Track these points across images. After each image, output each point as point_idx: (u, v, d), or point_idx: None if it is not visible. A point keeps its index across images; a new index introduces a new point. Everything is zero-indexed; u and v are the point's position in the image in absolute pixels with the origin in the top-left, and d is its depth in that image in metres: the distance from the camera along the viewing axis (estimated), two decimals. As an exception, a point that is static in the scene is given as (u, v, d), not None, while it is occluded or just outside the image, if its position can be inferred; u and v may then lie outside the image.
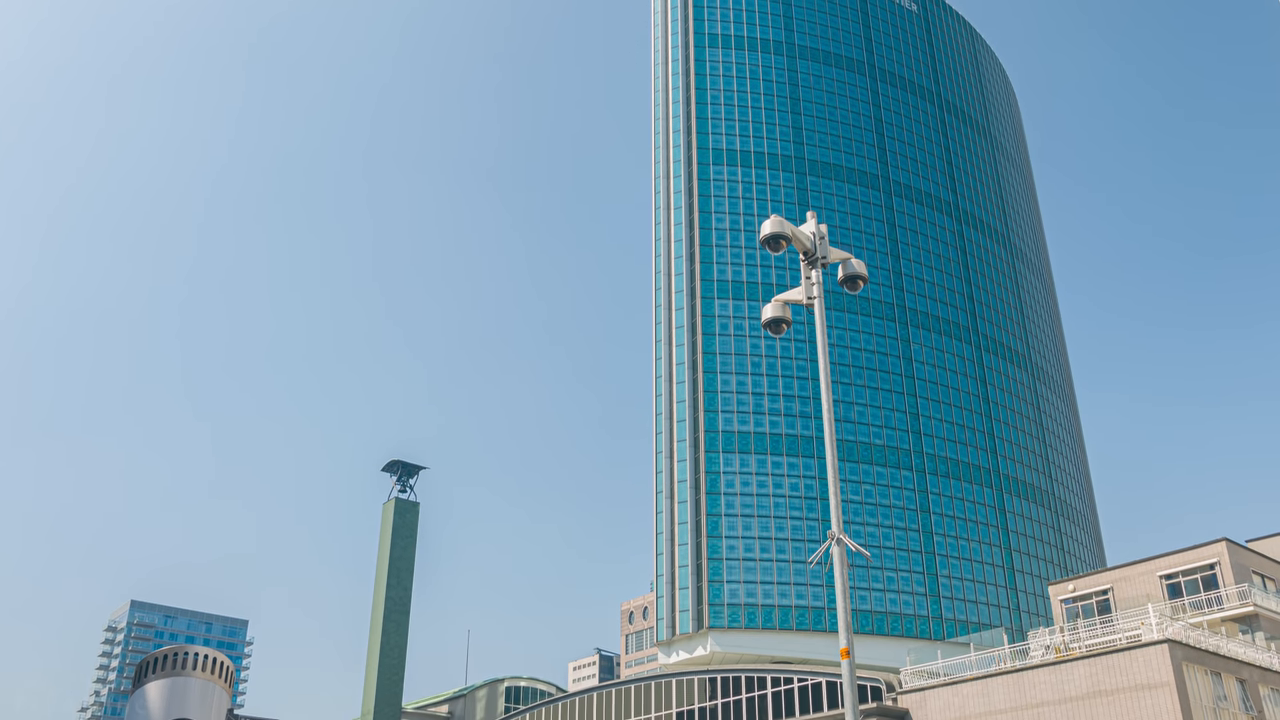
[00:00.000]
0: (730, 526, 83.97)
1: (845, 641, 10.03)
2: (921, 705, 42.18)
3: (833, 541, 10.35)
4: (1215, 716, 37.13)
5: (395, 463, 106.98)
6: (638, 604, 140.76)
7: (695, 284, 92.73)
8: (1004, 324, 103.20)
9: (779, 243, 12.34)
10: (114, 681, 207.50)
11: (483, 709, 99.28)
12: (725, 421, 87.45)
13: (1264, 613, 47.34)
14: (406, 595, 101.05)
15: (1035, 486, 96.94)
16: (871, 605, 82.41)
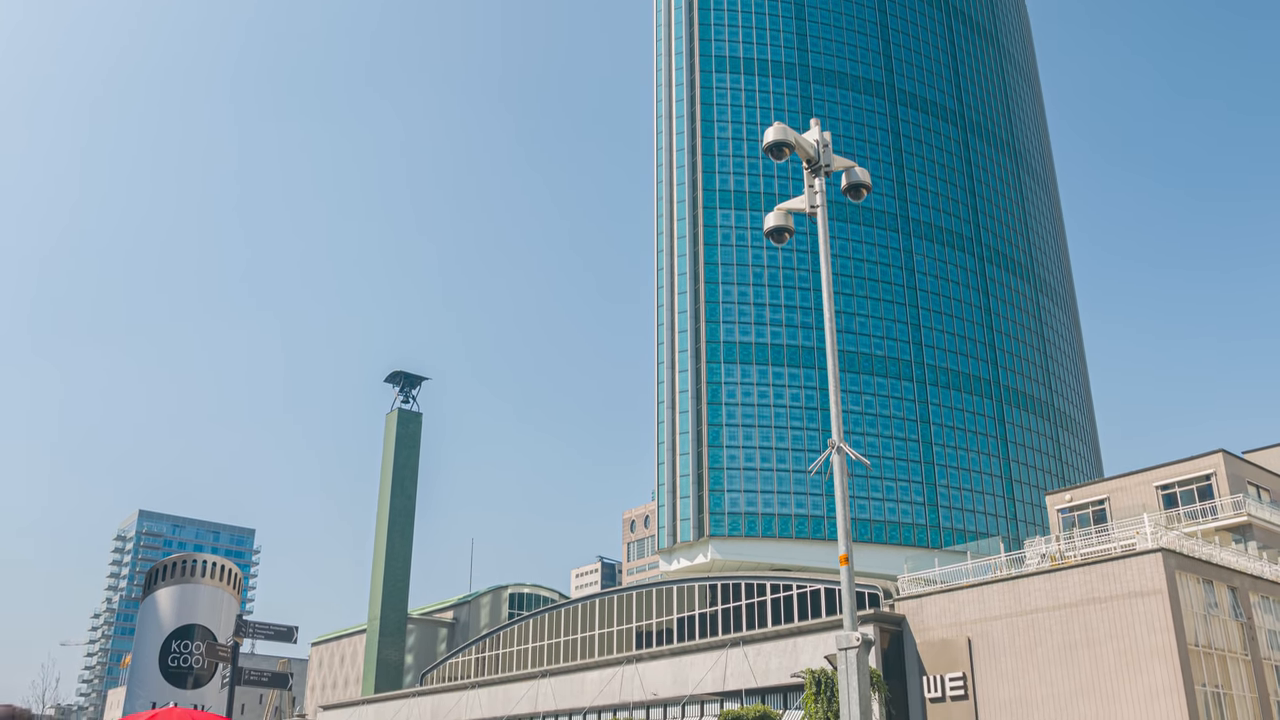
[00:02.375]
0: (731, 436, 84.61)
1: (844, 548, 10.15)
2: (918, 612, 42.92)
3: (833, 450, 10.41)
4: (1206, 623, 37.79)
5: (398, 373, 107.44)
6: (639, 513, 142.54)
7: (697, 194, 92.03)
8: (1008, 235, 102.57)
9: (782, 150, 12.18)
10: (125, 589, 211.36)
11: (487, 615, 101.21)
12: (727, 332, 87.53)
13: (1257, 522, 47.91)
14: (411, 504, 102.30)
15: (1035, 398, 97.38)
16: (870, 514, 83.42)
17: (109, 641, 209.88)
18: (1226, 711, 37.14)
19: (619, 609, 68.50)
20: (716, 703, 49.38)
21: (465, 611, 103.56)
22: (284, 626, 19.10)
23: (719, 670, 49.62)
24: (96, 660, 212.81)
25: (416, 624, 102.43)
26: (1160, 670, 35.41)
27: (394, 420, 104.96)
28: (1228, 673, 37.91)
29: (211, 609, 17.73)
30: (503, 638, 77.25)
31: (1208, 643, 37.40)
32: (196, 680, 17.07)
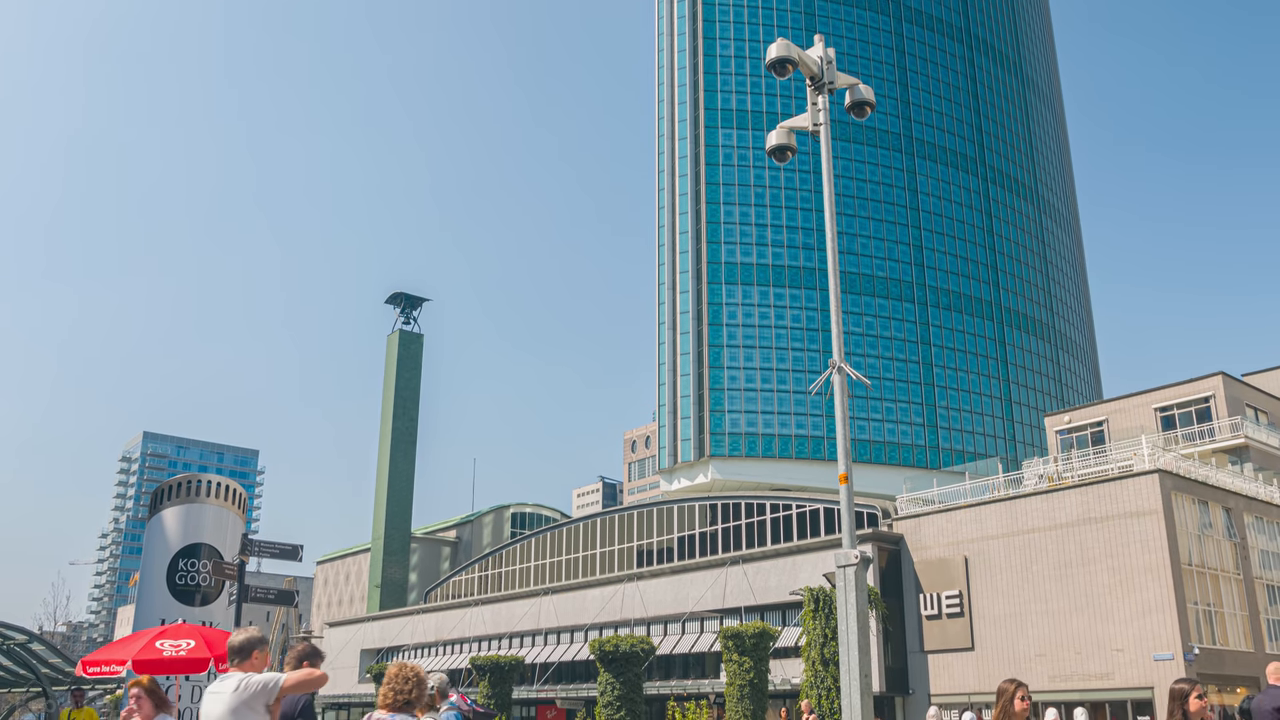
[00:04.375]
0: (732, 357, 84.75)
1: (844, 468, 10.20)
2: (916, 531, 43.40)
3: (834, 370, 10.41)
4: (1200, 543, 38.23)
5: (398, 294, 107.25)
6: (640, 433, 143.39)
7: (699, 112, 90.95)
8: (1012, 156, 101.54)
9: (785, 67, 11.99)
10: (131, 509, 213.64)
11: (489, 534, 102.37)
12: (728, 252, 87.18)
13: (1254, 444, 48.21)
14: (413, 425, 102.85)
15: (1035, 319, 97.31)
16: (870, 435, 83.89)
17: (117, 561, 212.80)
18: (1217, 628, 37.77)
19: (620, 528, 69.29)
20: (716, 620, 50.22)
21: (468, 531, 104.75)
22: (289, 545, 19.33)
23: (719, 588, 50.36)
24: (105, 579, 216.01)
25: (420, 543, 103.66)
26: (1153, 588, 35.93)
27: (395, 341, 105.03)
28: (1220, 591, 38.47)
29: (217, 528, 17.91)
30: (505, 556, 78.25)
31: (1201, 562, 37.89)
32: (204, 598, 17.31)
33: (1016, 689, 7.02)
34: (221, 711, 5.91)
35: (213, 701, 5.99)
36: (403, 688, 6.02)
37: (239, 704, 5.90)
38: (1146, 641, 35.65)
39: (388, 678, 6.06)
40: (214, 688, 6.09)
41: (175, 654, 11.74)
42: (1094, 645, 36.92)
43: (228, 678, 6.08)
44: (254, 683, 5.96)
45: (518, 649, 60.81)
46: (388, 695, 6.01)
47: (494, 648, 62.98)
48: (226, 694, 5.96)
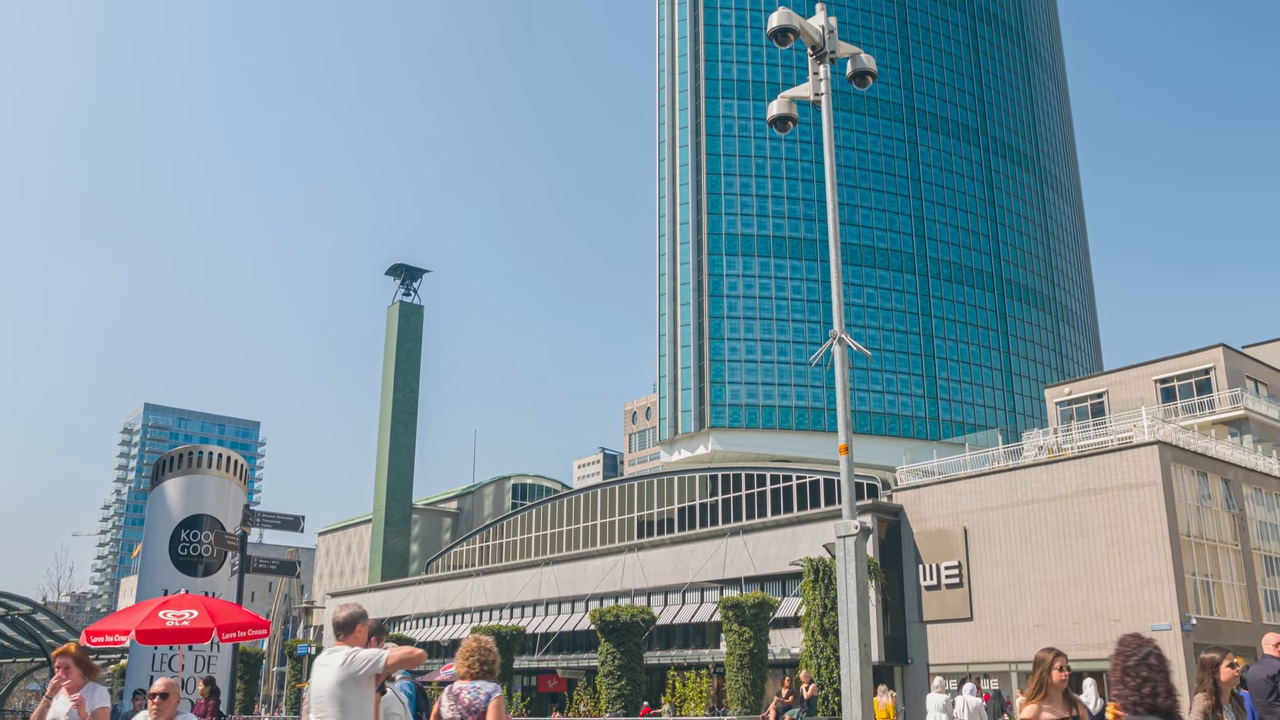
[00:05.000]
0: (732, 328, 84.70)
1: (844, 438, 10.21)
2: (915, 502, 43.52)
3: (834, 341, 10.40)
4: (1198, 514, 38.35)
5: (399, 266, 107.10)
6: (641, 404, 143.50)
7: (700, 83, 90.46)
8: (1014, 126, 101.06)
9: (786, 36, 11.91)
10: (133, 481, 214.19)
11: (490, 505, 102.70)
12: (729, 223, 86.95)
13: (1254, 416, 48.27)
14: (413, 396, 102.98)
15: (1036, 291, 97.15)
16: (870, 406, 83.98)
17: (120, 532, 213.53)
18: (1215, 599, 37.95)
19: (621, 499, 69.49)
20: (716, 590, 50.45)
21: (469, 501, 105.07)
22: (290, 516, 19.37)
23: (719, 559, 50.57)
24: (108, 550, 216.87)
25: (421, 514, 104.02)
26: (1152, 559, 36.08)
27: (395, 313, 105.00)
28: (1217, 562, 38.62)
29: (219, 499, 17.98)
30: (506, 527, 78.54)
31: (1199, 533, 38.02)
32: (206, 569, 17.41)
33: (1055, 659, 6.71)
34: (331, 683, 6.25)
35: (322, 673, 6.34)
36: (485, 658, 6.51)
37: (346, 676, 6.25)
38: (1144, 612, 35.82)
39: (465, 651, 6.52)
40: (322, 660, 6.43)
41: (178, 624, 11.81)
42: (1092, 615, 37.11)
43: (335, 651, 6.41)
44: (360, 657, 6.30)
45: (519, 619, 61.14)
46: (472, 666, 6.47)
47: (495, 618, 63.32)
48: (335, 666, 6.31)
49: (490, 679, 6.48)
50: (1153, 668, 4.82)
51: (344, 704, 6.23)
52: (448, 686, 6.54)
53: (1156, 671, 4.81)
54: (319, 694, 6.31)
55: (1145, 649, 4.90)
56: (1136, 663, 4.84)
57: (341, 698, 6.23)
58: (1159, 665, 4.82)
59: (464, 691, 6.38)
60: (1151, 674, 4.81)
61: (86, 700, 7.28)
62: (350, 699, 6.25)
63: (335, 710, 6.23)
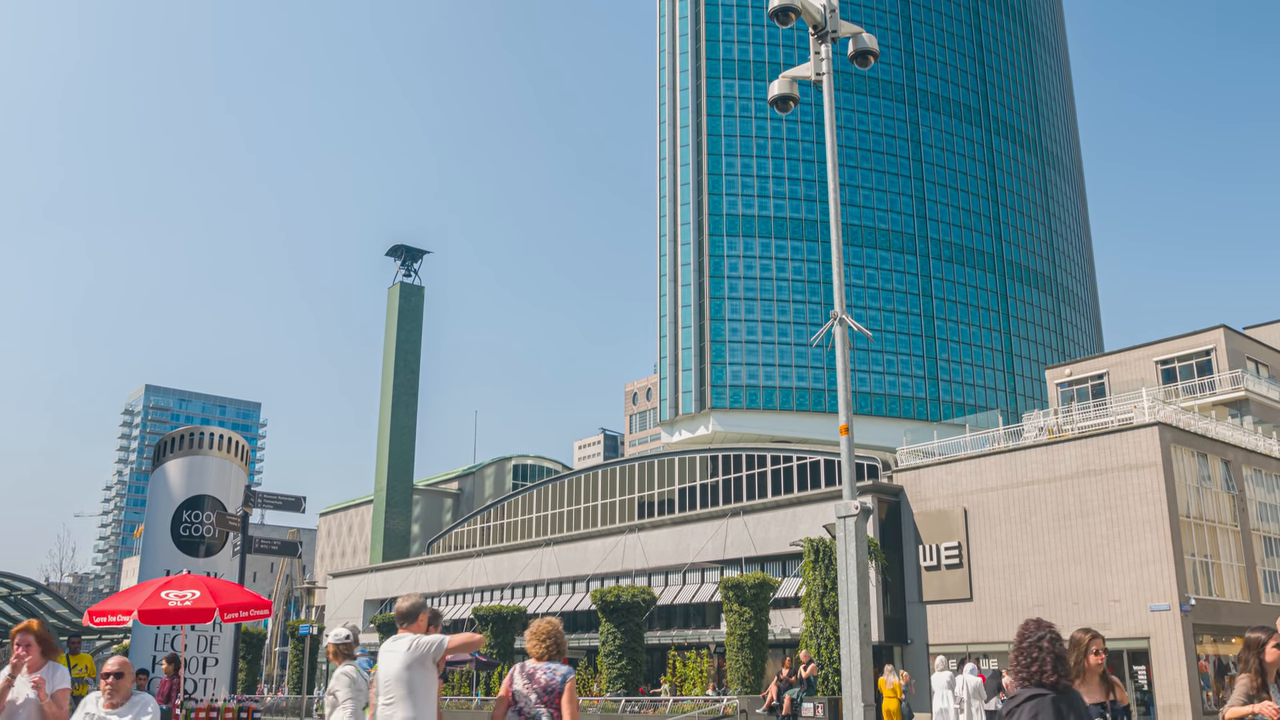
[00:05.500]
0: (733, 309, 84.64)
1: (845, 419, 10.21)
2: (915, 483, 43.57)
3: (835, 321, 10.39)
4: (1198, 495, 38.40)
5: (399, 247, 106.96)
6: (641, 385, 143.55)
7: (700, 63, 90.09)
8: (1016, 107, 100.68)
9: (788, 15, 11.84)
10: (134, 462, 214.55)
11: (491, 485, 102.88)
12: (729, 204, 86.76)
13: (1254, 397, 48.26)
14: (414, 377, 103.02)
15: (1038, 272, 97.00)
16: (870, 387, 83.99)
17: (121, 513, 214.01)
18: (1214, 580, 38.05)
19: (621, 480, 69.60)
20: (717, 570, 50.58)
21: (470, 482, 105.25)
22: (292, 497, 19.42)
23: (719, 539, 50.69)
24: (110, 530, 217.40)
25: (422, 494, 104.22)
26: (1151, 540, 36.15)
27: (396, 294, 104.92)
28: (1217, 543, 38.70)
29: (220, 480, 17.99)
30: (507, 508, 78.69)
31: (1199, 514, 38.08)
32: (208, 549, 17.44)
33: (1091, 640, 6.50)
34: (398, 668, 6.79)
35: (389, 659, 6.89)
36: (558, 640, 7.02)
37: (412, 660, 6.81)
38: (1143, 592, 35.92)
39: (539, 633, 6.97)
40: (388, 646, 6.98)
41: (181, 604, 11.84)
42: (1091, 596, 37.21)
43: (400, 638, 6.97)
44: (424, 643, 6.88)
45: (520, 599, 61.33)
46: (549, 647, 6.94)
47: (496, 598, 63.53)
48: (401, 652, 6.86)
49: (561, 660, 6.94)
50: (1043, 649, 5.26)
51: (410, 686, 6.76)
52: (520, 664, 6.96)
53: (1046, 653, 5.24)
54: (387, 678, 6.81)
55: (1040, 633, 5.33)
56: (1030, 645, 5.32)
57: (408, 680, 6.76)
58: (1050, 648, 5.25)
59: (539, 671, 6.82)
60: (1041, 654, 5.25)
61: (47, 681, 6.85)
62: (416, 681, 6.77)
63: (403, 693, 6.74)
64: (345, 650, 9.63)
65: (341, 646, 9.63)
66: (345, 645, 9.66)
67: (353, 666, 9.33)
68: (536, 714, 6.72)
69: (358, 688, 9.24)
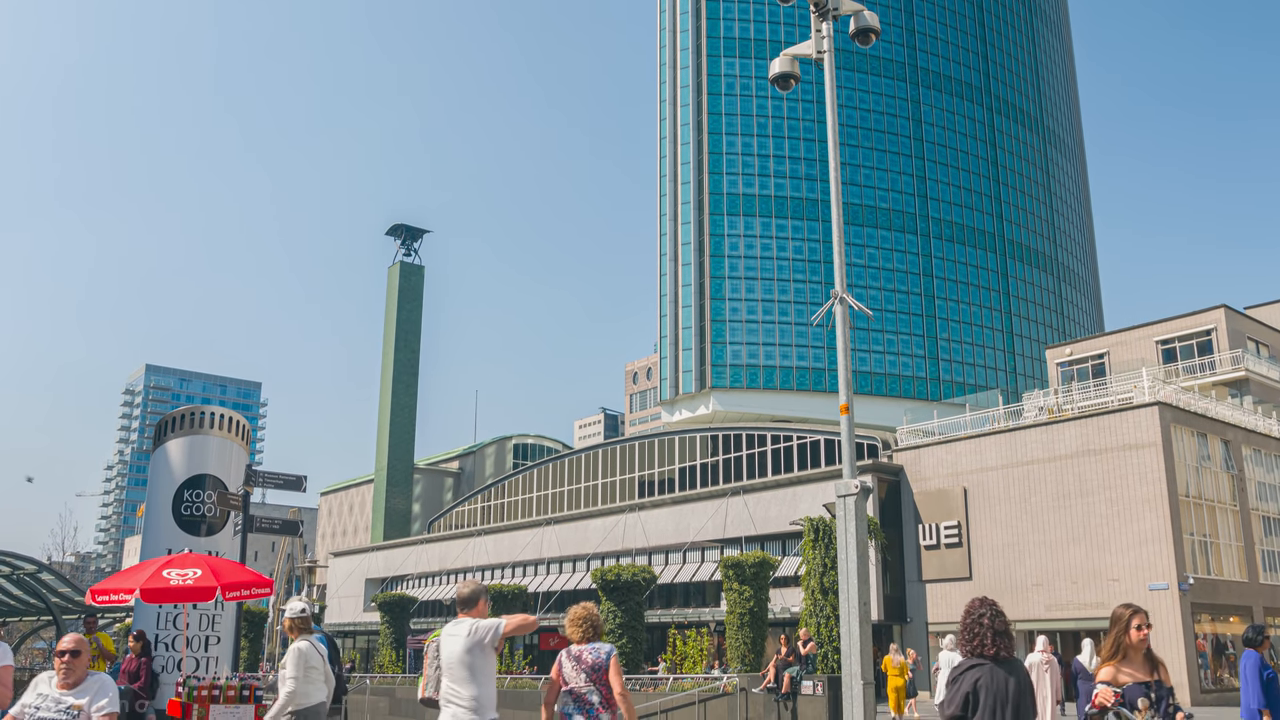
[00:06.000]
0: (734, 289, 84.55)
1: (845, 398, 10.21)
2: (915, 462, 43.63)
3: (836, 300, 10.38)
4: (1197, 474, 38.45)
5: (399, 226, 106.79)
6: (642, 364, 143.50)
7: (701, 41, 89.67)
8: (1018, 85, 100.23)
9: (789, -8, 11.78)
10: (135, 442, 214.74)
11: (491, 465, 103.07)
12: (730, 183, 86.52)
13: (1254, 377, 48.25)
14: (415, 357, 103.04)
15: (1038, 251, 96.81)
16: (871, 366, 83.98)
17: (123, 492, 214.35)
18: (1212, 559, 38.15)
19: (622, 459, 69.71)
20: (717, 549, 50.72)
21: (470, 462, 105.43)
22: (292, 476, 19.42)
23: (719, 518, 50.80)
24: (112, 510, 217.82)
25: (423, 474, 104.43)
26: (1150, 519, 36.22)
27: (396, 273, 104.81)
28: (1216, 522, 38.79)
29: (221, 459, 17.98)
30: (508, 487, 78.83)
31: (1198, 493, 38.15)
32: (210, 528, 17.45)
33: (1133, 615, 6.34)
34: (460, 650, 7.22)
35: (450, 643, 7.32)
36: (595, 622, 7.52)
37: (473, 644, 7.21)
38: (1142, 571, 36.02)
39: (576, 619, 7.49)
40: (449, 630, 7.41)
41: (182, 582, 11.88)
42: (1090, 575, 37.32)
43: (461, 622, 7.38)
44: (484, 626, 7.27)
45: (520, 578, 61.52)
46: (586, 630, 7.45)
47: (497, 577, 63.72)
48: (462, 636, 7.27)
49: (600, 639, 7.50)
50: (984, 626, 5.91)
51: (472, 668, 7.20)
52: (566, 649, 7.46)
53: (986, 629, 5.89)
54: (449, 660, 7.27)
55: (982, 611, 5.99)
56: (973, 621, 5.96)
57: (469, 663, 7.20)
58: (990, 624, 5.89)
59: (585, 653, 7.33)
60: (982, 630, 5.91)
61: None
62: (477, 663, 7.21)
63: (465, 674, 7.19)
64: (301, 624, 9.86)
65: (297, 621, 9.87)
66: (301, 620, 9.88)
67: (306, 641, 9.64)
68: (587, 692, 7.23)
69: (306, 662, 9.51)
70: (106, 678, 6.37)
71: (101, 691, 6.21)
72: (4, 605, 27.19)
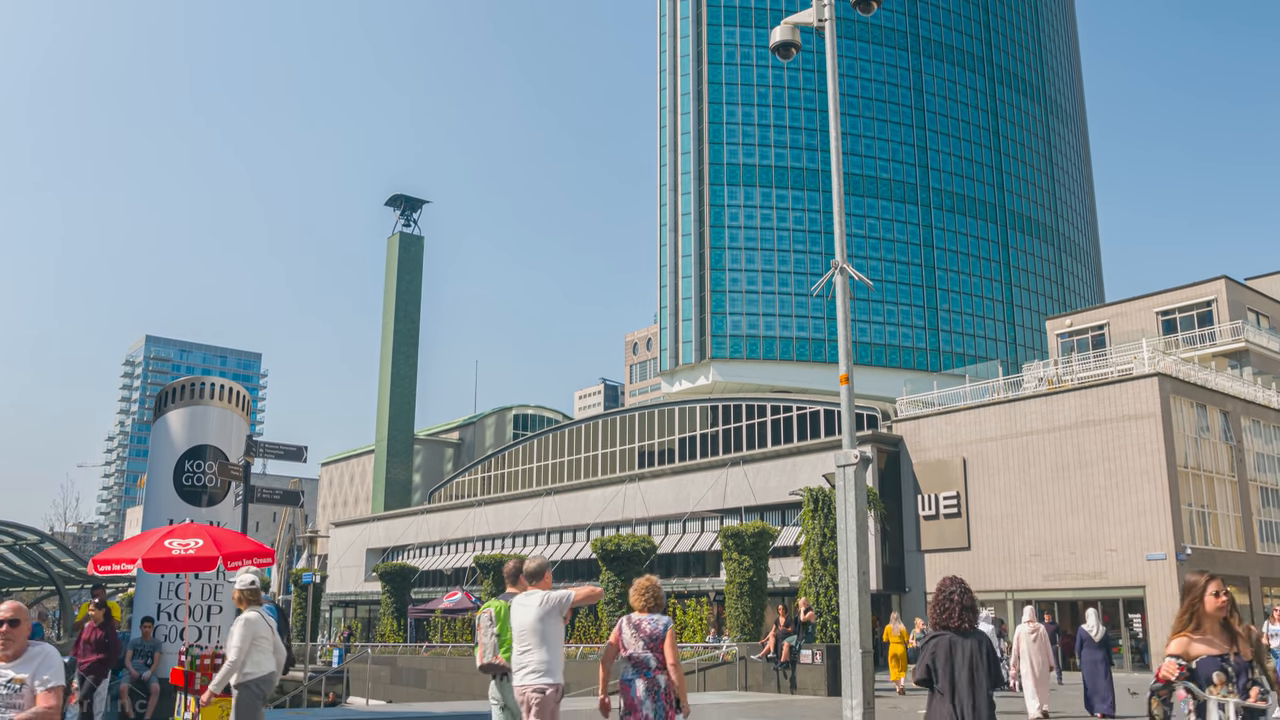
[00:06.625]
0: (734, 259, 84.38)
1: (845, 369, 10.21)
2: (915, 433, 43.69)
3: (836, 270, 10.38)
4: (1196, 445, 38.52)
5: (398, 197, 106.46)
6: (642, 335, 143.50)
7: (701, 9, 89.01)
8: (1019, 54, 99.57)
9: (790, -38, 11.67)
10: (136, 413, 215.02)
11: (492, 435, 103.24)
12: (730, 153, 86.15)
13: (1254, 348, 48.24)
14: (414, 328, 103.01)
15: (1039, 222, 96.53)
16: (870, 337, 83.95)
17: (124, 463, 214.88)
18: (1210, 529, 38.29)
19: (621, 429, 69.81)
20: (716, 519, 50.88)
21: (470, 432, 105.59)
22: (293, 447, 19.45)
23: (719, 489, 50.94)
24: (113, 481, 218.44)
25: (423, 444, 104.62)
26: (1149, 490, 36.32)
27: (395, 244, 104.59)
28: (1214, 493, 38.90)
29: (221, 430, 17.99)
30: (508, 457, 78.99)
31: (1197, 464, 38.24)
32: (211, 499, 17.47)
33: (1208, 582, 5.84)
34: (532, 619, 7.80)
35: (522, 612, 7.89)
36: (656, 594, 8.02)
37: (544, 614, 7.80)
38: (1140, 542, 36.16)
39: (640, 590, 7.99)
40: (521, 600, 7.98)
41: (184, 552, 11.93)
42: (1088, 545, 37.46)
43: (532, 594, 7.95)
44: (554, 597, 7.88)
45: (520, 548, 61.76)
46: (647, 600, 7.94)
47: (497, 547, 63.98)
48: (534, 606, 7.86)
49: (660, 611, 8.00)
50: (954, 601, 6.75)
51: (543, 635, 7.78)
52: (627, 616, 7.96)
53: (955, 604, 6.73)
54: (521, 628, 7.83)
55: (952, 588, 6.81)
56: (944, 597, 6.80)
57: (541, 630, 7.77)
58: (958, 600, 6.73)
59: (644, 622, 7.85)
60: (951, 605, 6.75)
61: None
62: (548, 630, 7.80)
63: (536, 641, 7.77)
64: (250, 596, 9.88)
65: (246, 592, 9.88)
66: (250, 591, 9.90)
67: (255, 612, 9.68)
68: (645, 658, 7.75)
69: (255, 632, 9.55)
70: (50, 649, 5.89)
71: (46, 664, 5.71)
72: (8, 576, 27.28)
